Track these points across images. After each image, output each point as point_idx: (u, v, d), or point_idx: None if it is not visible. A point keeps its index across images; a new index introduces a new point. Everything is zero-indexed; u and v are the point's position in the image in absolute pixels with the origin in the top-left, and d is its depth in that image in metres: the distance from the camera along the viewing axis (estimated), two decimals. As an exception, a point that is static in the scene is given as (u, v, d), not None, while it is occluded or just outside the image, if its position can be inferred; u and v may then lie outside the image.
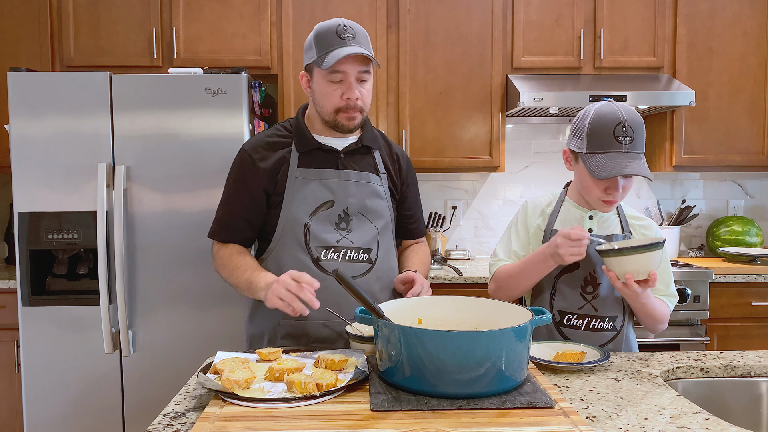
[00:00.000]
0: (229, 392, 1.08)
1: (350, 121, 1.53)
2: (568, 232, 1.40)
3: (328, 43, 1.47)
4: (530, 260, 1.52)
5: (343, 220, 1.55)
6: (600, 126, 1.42)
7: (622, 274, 1.36)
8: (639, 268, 1.35)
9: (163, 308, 2.40)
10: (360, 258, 1.56)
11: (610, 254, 1.37)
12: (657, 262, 1.36)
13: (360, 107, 1.52)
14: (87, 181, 2.37)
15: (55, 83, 2.35)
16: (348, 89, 1.49)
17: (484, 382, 1.06)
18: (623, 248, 1.35)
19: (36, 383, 2.39)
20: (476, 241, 3.37)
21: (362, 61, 1.49)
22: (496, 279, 1.62)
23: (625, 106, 1.44)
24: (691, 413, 1.08)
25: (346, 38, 1.46)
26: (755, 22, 2.95)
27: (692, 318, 2.67)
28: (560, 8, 2.93)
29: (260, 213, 1.57)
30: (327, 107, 1.52)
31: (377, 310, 1.17)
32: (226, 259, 1.57)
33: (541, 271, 1.50)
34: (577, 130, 1.48)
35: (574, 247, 1.39)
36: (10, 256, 3.09)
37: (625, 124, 1.40)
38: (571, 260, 1.41)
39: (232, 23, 2.85)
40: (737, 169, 3.05)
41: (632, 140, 1.40)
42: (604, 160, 1.41)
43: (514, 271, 1.56)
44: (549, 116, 3.21)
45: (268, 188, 1.55)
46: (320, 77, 1.51)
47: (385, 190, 1.62)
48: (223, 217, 1.61)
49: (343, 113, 1.52)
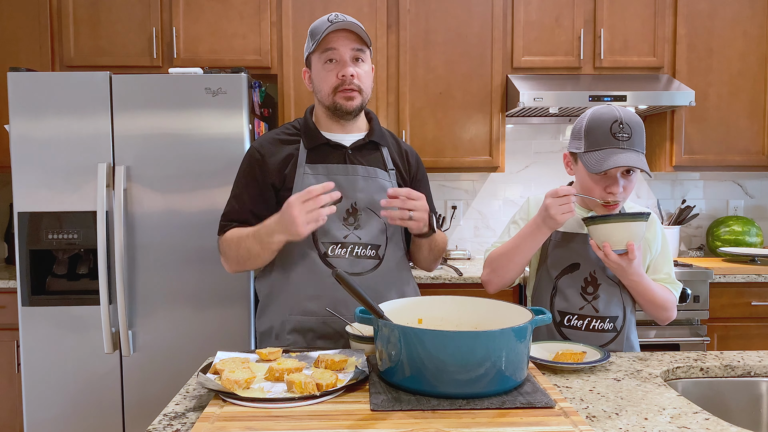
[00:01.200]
0: (229, 392, 1.08)
1: (348, 101, 1.53)
2: (555, 191, 1.40)
3: (320, 30, 1.51)
4: (522, 233, 1.49)
5: (351, 215, 1.55)
6: (597, 124, 1.42)
7: (601, 243, 1.39)
8: (617, 237, 1.37)
9: (163, 308, 2.40)
10: (367, 254, 1.55)
11: (592, 222, 1.40)
12: (638, 236, 1.37)
13: (358, 86, 1.53)
14: (87, 181, 2.37)
15: (55, 83, 2.35)
16: (342, 66, 1.52)
17: (484, 382, 1.06)
18: (604, 215, 1.40)
19: (36, 383, 2.39)
20: (476, 241, 3.37)
21: (355, 39, 1.52)
22: (488, 263, 1.58)
23: (622, 107, 1.45)
24: (691, 413, 1.08)
25: (336, 22, 1.50)
26: (755, 22, 2.95)
27: (692, 318, 2.67)
28: (560, 8, 2.93)
29: (268, 207, 1.56)
30: (325, 89, 1.54)
31: (377, 310, 1.17)
32: (228, 240, 1.56)
33: (535, 242, 1.47)
34: (576, 132, 1.49)
35: (564, 204, 1.38)
36: (10, 256, 3.10)
37: (622, 121, 1.40)
38: (563, 219, 1.39)
39: (232, 23, 2.85)
40: (737, 169, 3.05)
41: (630, 137, 1.40)
42: (600, 156, 1.41)
43: (506, 248, 1.53)
44: (549, 116, 3.21)
45: (276, 183, 1.56)
46: (317, 63, 1.55)
47: (393, 186, 1.61)
48: (231, 213, 1.60)
49: (340, 93, 1.53)
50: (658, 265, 1.57)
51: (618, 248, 1.38)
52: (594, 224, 1.40)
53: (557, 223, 1.40)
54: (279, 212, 1.42)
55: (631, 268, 1.42)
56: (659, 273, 1.56)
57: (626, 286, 1.50)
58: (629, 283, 1.48)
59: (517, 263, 1.52)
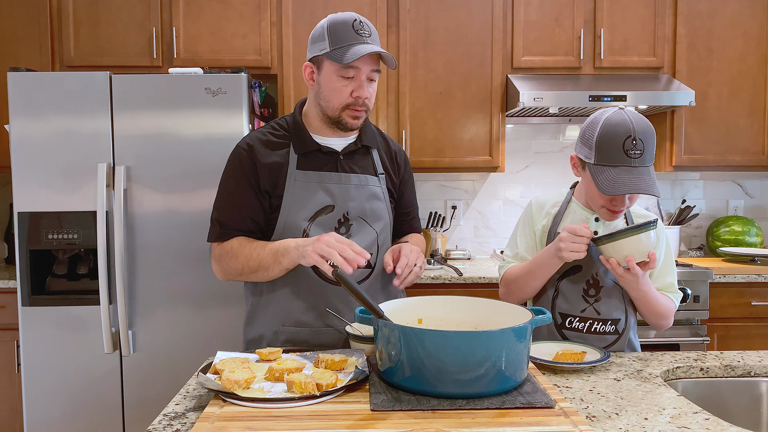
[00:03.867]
0: (229, 392, 1.08)
1: (355, 120, 1.50)
2: (574, 228, 1.40)
3: (344, 37, 1.42)
4: (536, 260, 1.52)
5: (343, 225, 1.51)
6: (610, 138, 1.39)
7: (623, 259, 1.36)
8: (635, 251, 1.35)
9: (163, 308, 2.40)
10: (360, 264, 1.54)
11: (604, 241, 1.37)
12: (652, 244, 1.36)
13: (367, 106, 1.50)
14: (87, 181, 2.37)
15: (55, 83, 2.35)
16: (359, 87, 1.45)
17: (484, 382, 1.06)
18: (616, 233, 1.36)
19: (36, 383, 2.39)
20: (476, 241, 3.37)
21: (375, 60, 1.46)
22: (505, 282, 1.62)
23: (635, 114, 1.41)
24: (691, 413, 1.08)
25: (362, 35, 1.43)
26: (755, 22, 2.95)
27: (692, 318, 2.67)
28: (560, 8, 2.93)
29: (264, 212, 1.51)
30: (334, 103, 1.48)
31: (377, 310, 1.17)
32: (235, 250, 1.48)
33: (548, 269, 1.49)
34: (586, 139, 1.45)
35: (576, 243, 1.38)
36: (10, 256, 3.09)
37: (635, 137, 1.37)
38: (570, 256, 1.40)
39: (232, 23, 2.85)
40: (737, 169, 3.05)
41: (642, 154, 1.37)
42: (612, 175, 1.38)
43: (521, 273, 1.56)
44: (549, 116, 3.21)
45: (268, 189, 1.50)
46: (331, 71, 1.45)
47: (383, 191, 1.59)
48: (224, 218, 1.52)
49: (349, 110, 1.48)
50: (662, 274, 1.56)
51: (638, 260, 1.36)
52: (607, 243, 1.37)
53: (564, 258, 1.42)
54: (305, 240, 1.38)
55: (644, 278, 1.42)
56: (662, 281, 1.55)
57: (633, 297, 1.49)
58: (637, 294, 1.46)
59: (531, 286, 1.56)
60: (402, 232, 1.74)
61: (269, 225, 1.52)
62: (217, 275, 1.58)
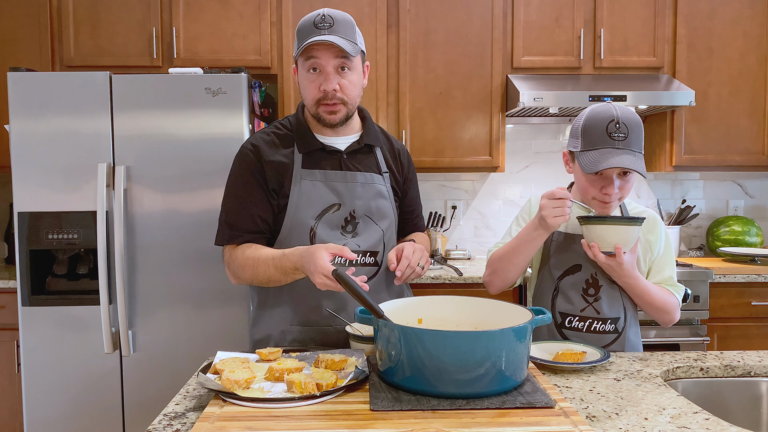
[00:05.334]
0: (229, 392, 1.08)
1: (331, 115, 1.49)
2: (551, 192, 1.40)
3: (306, 33, 1.44)
4: (521, 234, 1.49)
5: (350, 223, 1.52)
6: (593, 123, 1.42)
7: (605, 244, 1.40)
8: (609, 239, 1.39)
9: (163, 308, 2.40)
10: (367, 261, 1.53)
11: (586, 221, 1.43)
12: (628, 240, 1.39)
13: (341, 99, 1.47)
14: (87, 181, 2.37)
15: (55, 83, 2.35)
16: (325, 80, 1.44)
17: (484, 382, 1.06)
18: (598, 216, 1.43)
19: (36, 383, 2.39)
20: (476, 241, 3.37)
21: (337, 51, 1.43)
22: (490, 264, 1.59)
23: (622, 106, 1.44)
24: (691, 413, 1.08)
25: (321, 27, 1.43)
26: (755, 22, 2.95)
27: (692, 318, 2.67)
28: (560, 8, 2.93)
29: (272, 211, 1.51)
30: (308, 99, 1.50)
31: (377, 309, 1.17)
32: (246, 259, 1.48)
33: (534, 243, 1.47)
34: (574, 131, 1.48)
35: (558, 207, 1.38)
36: (10, 256, 3.09)
37: (618, 120, 1.39)
38: (554, 222, 1.39)
39: (232, 23, 2.85)
40: (737, 169, 3.05)
41: (626, 137, 1.39)
42: (595, 156, 1.40)
43: (506, 250, 1.53)
44: (549, 116, 3.21)
45: (275, 187, 1.51)
46: (301, 68, 1.48)
47: (388, 190, 1.60)
48: (233, 219, 1.51)
49: (323, 105, 1.48)
50: (660, 267, 1.56)
51: (607, 249, 1.41)
52: (587, 224, 1.43)
53: (550, 226, 1.40)
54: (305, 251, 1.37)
55: (621, 269, 1.43)
56: (660, 275, 1.55)
57: (622, 287, 1.50)
58: (623, 284, 1.48)
59: (517, 264, 1.52)
60: (406, 230, 1.75)
61: (276, 225, 1.52)
62: (229, 279, 1.57)
